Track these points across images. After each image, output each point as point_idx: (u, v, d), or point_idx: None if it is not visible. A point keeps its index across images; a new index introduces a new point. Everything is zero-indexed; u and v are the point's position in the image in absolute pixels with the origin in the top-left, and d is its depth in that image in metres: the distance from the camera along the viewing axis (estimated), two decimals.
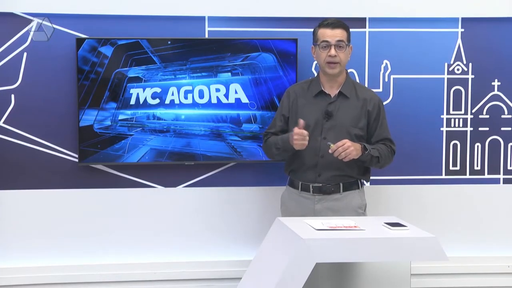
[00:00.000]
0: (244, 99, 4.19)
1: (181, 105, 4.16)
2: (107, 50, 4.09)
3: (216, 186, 4.29)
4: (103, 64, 4.09)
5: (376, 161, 3.73)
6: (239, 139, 4.21)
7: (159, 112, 4.16)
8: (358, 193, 3.83)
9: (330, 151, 3.62)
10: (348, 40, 3.79)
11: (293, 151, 3.75)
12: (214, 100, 4.18)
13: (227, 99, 4.19)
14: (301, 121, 3.66)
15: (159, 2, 4.15)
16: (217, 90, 4.18)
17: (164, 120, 4.17)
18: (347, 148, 3.60)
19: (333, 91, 3.82)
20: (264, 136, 3.93)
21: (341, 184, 3.79)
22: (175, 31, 4.17)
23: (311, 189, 3.80)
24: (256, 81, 4.19)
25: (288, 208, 3.90)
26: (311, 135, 3.75)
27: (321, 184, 3.78)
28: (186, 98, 4.17)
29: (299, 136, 3.65)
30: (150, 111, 4.15)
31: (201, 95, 4.18)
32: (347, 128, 3.75)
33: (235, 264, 4.23)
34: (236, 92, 4.19)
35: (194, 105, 4.17)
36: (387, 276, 3.15)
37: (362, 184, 3.89)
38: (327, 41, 3.73)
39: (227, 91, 4.18)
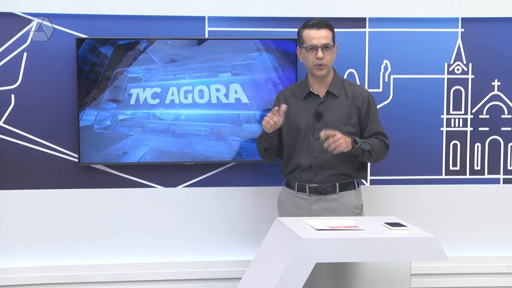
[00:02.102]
0: (244, 99, 4.19)
1: (181, 105, 4.16)
2: (107, 50, 4.09)
3: (216, 186, 4.29)
4: (103, 64, 4.09)
5: (368, 155, 3.74)
6: (239, 139, 4.21)
7: (159, 112, 4.16)
8: (354, 193, 3.84)
9: (324, 145, 3.62)
10: (334, 40, 3.79)
11: (269, 137, 3.77)
12: (214, 100, 4.18)
13: (227, 99, 4.18)
14: (283, 106, 3.69)
15: (159, 2, 4.15)
16: (217, 90, 4.18)
17: (164, 120, 4.16)
18: (337, 140, 3.61)
19: (321, 91, 3.83)
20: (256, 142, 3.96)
21: (337, 184, 3.79)
22: (175, 31, 4.17)
23: (307, 190, 3.81)
24: (256, 81, 4.19)
25: (285, 208, 3.91)
26: (304, 136, 3.77)
27: (317, 185, 3.79)
28: (186, 98, 4.17)
29: (269, 116, 3.69)
30: (150, 111, 4.15)
31: (201, 95, 4.18)
32: (338, 127, 3.75)
33: (235, 264, 4.23)
34: (236, 92, 4.19)
35: (194, 105, 4.17)
36: (387, 276, 3.15)
37: (359, 184, 3.90)
38: (313, 44, 3.73)
39: (227, 91, 4.18)
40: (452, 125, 4.37)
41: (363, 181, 4.25)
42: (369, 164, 4.07)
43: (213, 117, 4.18)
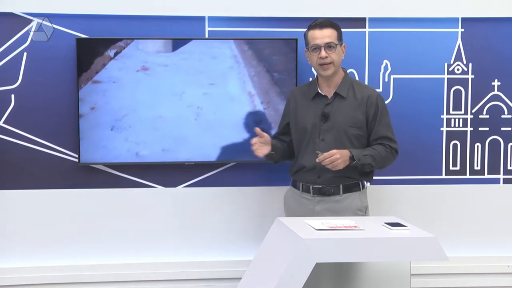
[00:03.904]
0: (244, 99, 4.18)
1: (182, 106, 4.16)
2: (107, 50, 4.09)
3: (216, 186, 4.29)
4: (102, 64, 4.09)
5: (369, 167, 3.71)
6: (240, 139, 4.20)
7: (158, 111, 4.15)
8: (358, 195, 3.82)
9: (317, 160, 3.60)
10: (339, 39, 3.75)
11: (272, 156, 3.79)
12: (214, 100, 4.17)
13: (227, 99, 4.18)
14: (257, 129, 3.71)
15: (159, 2, 4.16)
16: (217, 90, 4.18)
17: (165, 120, 4.16)
18: (335, 160, 3.58)
19: (330, 92, 3.80)
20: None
21: (341, 186, 3.78)
22: (175, 31, 4.17)
23: (311, 191, 3.80)
24: (255, 81, 4.18)
25: (290, 208, 3.91)
26: (309, 137, 3.76)
27: (321, 186, 3.78)
28: (187, 98, 4.16)
29: (255, 145, 3.72)
30: (151, 112, 4.15)
31: (202, 95, 4.17)
32: (344, 129, 3.73)
33: (235, 264, 4.23)
34: (235, 93, 4.18)
35: (195, 105, 4.17)
36: (387, 276, 3.15)
37: (364, 185, 3.87)
38: (316, 44, 3.72)
39: (227, 91, 4.18)
40: (452, 125, 4.37)
41: (365, 181, 4.24)
42: None
43: (213, 117, 4.18)
